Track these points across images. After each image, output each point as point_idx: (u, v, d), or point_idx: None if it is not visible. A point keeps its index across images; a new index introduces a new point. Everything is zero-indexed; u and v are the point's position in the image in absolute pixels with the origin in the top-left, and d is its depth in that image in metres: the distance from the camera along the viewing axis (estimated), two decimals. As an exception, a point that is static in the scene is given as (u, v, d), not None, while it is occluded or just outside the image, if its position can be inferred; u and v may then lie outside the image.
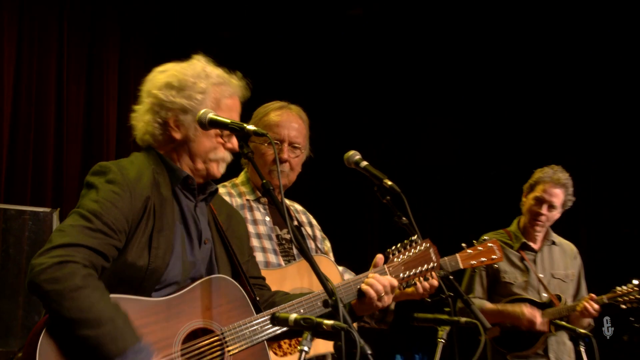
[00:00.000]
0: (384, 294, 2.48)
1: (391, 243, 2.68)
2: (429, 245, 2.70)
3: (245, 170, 3.32)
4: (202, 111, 2.31)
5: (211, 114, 2.30)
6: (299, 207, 3.45)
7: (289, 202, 3.41)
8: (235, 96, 2.46)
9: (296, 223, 3.33)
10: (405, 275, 2.61)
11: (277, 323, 2.11)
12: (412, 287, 2.78)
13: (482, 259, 3.17)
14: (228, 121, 2.29)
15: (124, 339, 2.04)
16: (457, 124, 7.55)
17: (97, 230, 2.13)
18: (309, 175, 3.44)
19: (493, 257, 3.20)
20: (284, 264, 3.11)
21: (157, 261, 2.22)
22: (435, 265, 2.70)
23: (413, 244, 2.67)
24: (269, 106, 3.27)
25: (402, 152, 7.69)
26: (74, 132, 6.33)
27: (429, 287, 2.82)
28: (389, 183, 2.82)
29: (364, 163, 2.94)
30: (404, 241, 2.67)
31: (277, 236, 3.18)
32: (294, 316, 2.06)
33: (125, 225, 2.19)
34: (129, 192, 2.22)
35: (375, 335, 3.54)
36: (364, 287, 2.48)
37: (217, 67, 2.46)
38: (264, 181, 2.26)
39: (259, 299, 2.44)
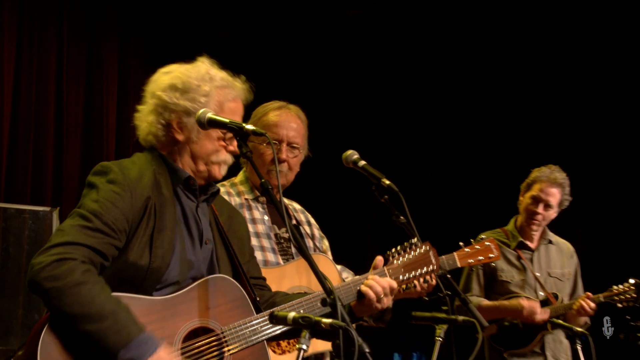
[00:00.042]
0: (383, 296, 2.49)
1: (389, 242, 2.70)
2: (428, 248, 2.70)
3: (243, 169, 3.32)
4: (202, 111, 2.30)
5: (210, 114, 2.29)
6: (297, 206, 3.46)
7: (287, 201, 3.42)
8: (239, 99, 2.46)
9: (295, 222, 3.33)
10: (405, 278, 2.61)
11: (276, 321, 2.12)
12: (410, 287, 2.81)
13: (480, 257, 3.18)
14: (227, 121, 2.29)
15: (127, 330, 2.05)
16: (457, 124, 7.55)
17: (97, 230, 2.14)
18: (308, 175, 3.46)
19: (490, 255, 3.20)
20: (282, 262, 3.12)
21: (158, 261, 2.23)
22: (435, 268, 2.71)
23: (413, 246, 2.67)
24: (267, 106, 3.27)
25: (402, 152, 7.67)
26: (73, 131, 6.32)
27: (426, 286, 2.84)
28: (387, 182, 2.82)
29: (362, 162, 2.94)
30: (404, 243, 2.67)
31: (275, 235, 3.18)
32: (292, 314, 2.06)
33: (126, 225, 2.20)
34: (129, 192, 2.23)
35: (373, 333, 3.56)
36: (363, 288, 2.49)
37: (221, 69, 2.46)
38: (262, 180, 2.27)
39: (259, 299, 2.45)
